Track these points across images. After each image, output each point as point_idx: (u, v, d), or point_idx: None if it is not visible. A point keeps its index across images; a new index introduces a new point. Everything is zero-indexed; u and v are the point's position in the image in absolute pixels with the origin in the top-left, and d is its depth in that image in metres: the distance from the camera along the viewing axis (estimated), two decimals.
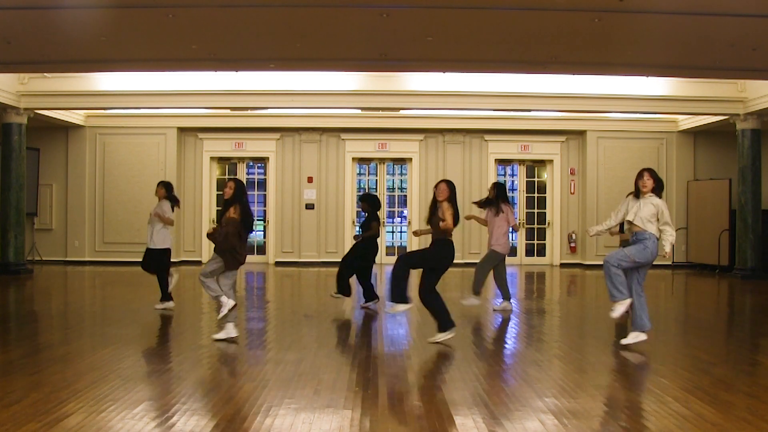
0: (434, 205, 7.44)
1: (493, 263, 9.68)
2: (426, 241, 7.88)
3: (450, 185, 7.47)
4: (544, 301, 11.71)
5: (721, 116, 15.12)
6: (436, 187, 7.48)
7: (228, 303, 7.20)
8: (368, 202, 10.17)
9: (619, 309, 7.01)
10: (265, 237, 17.77)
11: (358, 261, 9.89)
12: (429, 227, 7.56)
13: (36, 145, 16.18)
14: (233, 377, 6.02)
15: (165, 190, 9.67)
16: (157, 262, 9.54)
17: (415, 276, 7.67)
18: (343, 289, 9.89)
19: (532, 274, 15.97)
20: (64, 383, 5.55)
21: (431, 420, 4.75)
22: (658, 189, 7.13)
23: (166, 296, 9.44)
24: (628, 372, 6.48)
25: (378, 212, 10.19)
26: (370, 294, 9.95)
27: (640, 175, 7.16)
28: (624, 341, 7.09)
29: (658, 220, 7.03)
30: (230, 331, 7.31)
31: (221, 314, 7.22)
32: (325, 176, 17.43)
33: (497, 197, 9.76)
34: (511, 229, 9.91)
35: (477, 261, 10.33)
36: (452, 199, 7.37)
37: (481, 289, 9.76)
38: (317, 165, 17.39)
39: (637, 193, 7.15)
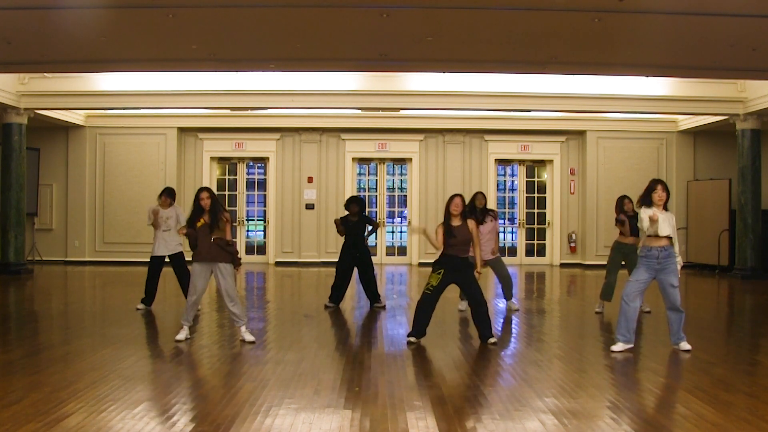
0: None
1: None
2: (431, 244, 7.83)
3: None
4: (544, 301, 11.71)
5: (721, 116, 15.11)
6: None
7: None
8: (359, 204, 10.16)
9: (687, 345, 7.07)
10: (265, 237, 17.78)
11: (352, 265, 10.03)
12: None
13: (36, 145, 16.18)
14: (233, 377, 6.02)
15: (171, 198, 9.79)
16: (180, 265, 9.68)
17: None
18: (376, 297, 10.06)
19: (532, 274, 15.97)
20: (64, 383, 5.55)
21: (431, 420, 4.75)
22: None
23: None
24: (627, 372, 6.48)
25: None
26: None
27: (655, 188, 6.96)
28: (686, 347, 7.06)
29: None
30: (246, 335, 7.42)
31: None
32: (325, 176, 17.44)
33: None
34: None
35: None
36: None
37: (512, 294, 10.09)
38: (317, 165, 17.40)
39: (648, 204, 6.97)
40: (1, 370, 6.06)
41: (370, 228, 10.10)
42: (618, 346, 7.03)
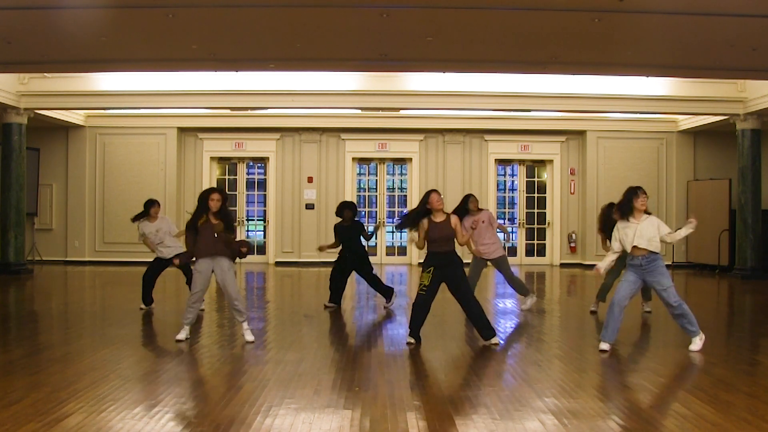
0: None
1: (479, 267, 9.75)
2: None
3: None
4: (544, 301, 11.70)
5: (721, 116, 15.11)
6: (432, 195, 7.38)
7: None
8: (353, 210, 10.11)
9: (698, 343, 7.09)
10: (265, 237, 17.77)
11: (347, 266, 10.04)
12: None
13: (36, 145, 16.18)
14: (233, 377, 6.02)
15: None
16: (185, 265, 9.57)
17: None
18: (389, 295, 10.11)
19: (532, 274, 15.97)
20: (64, 383, 5.55)
21: (431, 420, 4.75)
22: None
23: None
24: (627, 372, 6.48)
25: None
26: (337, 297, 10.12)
27: (638, 194, 6.97)
28: (693, 347, 7.07)
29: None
30: (247, 334, 7.42)
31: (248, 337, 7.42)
32: (325, 176, 17.44)
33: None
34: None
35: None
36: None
37: (527, 289, 10.07)
38: (317, 165, 17.40)
39: (629, 213, 7.00)
40: (1, 370, 6.06)
41: (362, 238, 10.02)
42: (606, 345, 7.04)
